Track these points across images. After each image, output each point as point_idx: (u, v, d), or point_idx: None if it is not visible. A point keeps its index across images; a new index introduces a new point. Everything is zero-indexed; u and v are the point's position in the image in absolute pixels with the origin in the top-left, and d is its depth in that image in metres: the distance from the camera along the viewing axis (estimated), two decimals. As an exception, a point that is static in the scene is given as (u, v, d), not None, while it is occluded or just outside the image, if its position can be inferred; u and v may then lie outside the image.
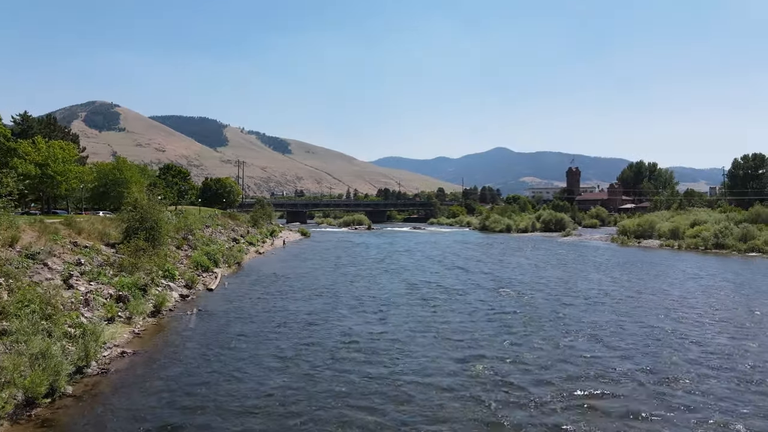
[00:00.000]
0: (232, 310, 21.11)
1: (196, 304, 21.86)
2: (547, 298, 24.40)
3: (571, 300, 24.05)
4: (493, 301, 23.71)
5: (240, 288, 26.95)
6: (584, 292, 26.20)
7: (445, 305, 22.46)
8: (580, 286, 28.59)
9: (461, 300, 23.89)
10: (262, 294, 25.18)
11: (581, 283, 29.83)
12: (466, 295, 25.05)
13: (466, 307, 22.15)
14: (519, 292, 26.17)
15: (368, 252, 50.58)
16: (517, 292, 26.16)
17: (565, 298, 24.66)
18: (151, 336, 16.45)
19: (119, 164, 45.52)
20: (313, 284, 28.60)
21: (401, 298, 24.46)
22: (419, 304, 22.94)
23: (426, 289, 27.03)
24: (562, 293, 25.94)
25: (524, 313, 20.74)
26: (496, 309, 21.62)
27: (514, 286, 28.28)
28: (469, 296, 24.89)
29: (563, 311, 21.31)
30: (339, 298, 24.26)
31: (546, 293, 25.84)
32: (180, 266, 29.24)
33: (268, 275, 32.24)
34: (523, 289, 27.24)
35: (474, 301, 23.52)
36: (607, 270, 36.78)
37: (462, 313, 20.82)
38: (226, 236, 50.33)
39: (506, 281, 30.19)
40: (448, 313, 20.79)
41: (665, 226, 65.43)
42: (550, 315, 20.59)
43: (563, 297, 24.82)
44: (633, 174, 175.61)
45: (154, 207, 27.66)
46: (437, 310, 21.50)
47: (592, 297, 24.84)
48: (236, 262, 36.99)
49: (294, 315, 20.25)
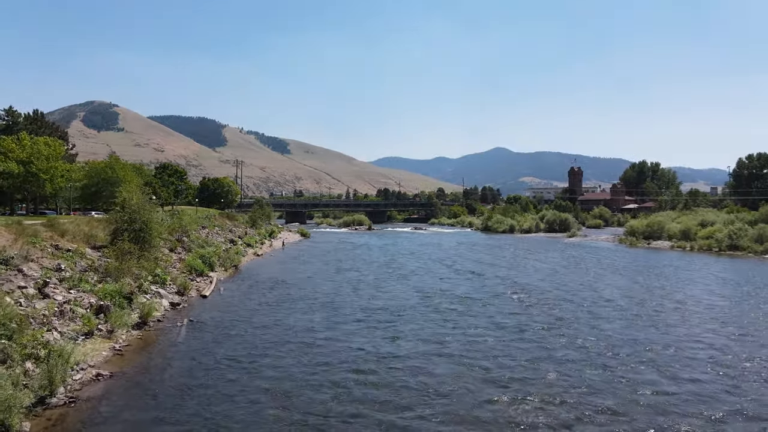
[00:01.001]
0: (225, 322, 19.03)
1: (188, 314, 19.97)
2: (578, 310, 22.04)
3: (607, 312, 21.75)
4: (519, 313, 21.29)
5: (236, 295, 24.98)
6: (617, 302, 23.98)
7: (465, 319, 19.99)
8: (608, 293, 26.45)
9: (482, 312, 21.42)
10: (259, 303, 23.12)
11: (608, 290, 27.64)
12: (486, 306, 22.61)
13: (489, 322, 19.62)
14: (544, 301, 23.84)
15: (371, 254, 48.53)
16: (542, 301, 23.90)
17: (599, 309, 22.37)
18: (134, 353, 14.55)
19: (112, 163, 43.61)
20: (314, 292, 26.28)
21: (413, 310, 21.99)
22: (435, 317, 20.45)
23: (439, 299, 24.64)
24: (593, 303, 23.66)
25: (560, 331, 18.15)
26: (525, 325, 19.11)
27: (537, 294, 26.01)
28: (490, 307, 22.49)
29: (604, 327, 18.91)
30: (342, 310, 21.80)
31: (575, 304, 23.52)
32: (173, 270, 27.39)
33: (266, 280, 30.35)
34: (548, 298, 24.86)
35: (497, 314, 21.10)
36: (629, 274, 34.82)
37: (487, 330, 18.25)
38: (223, 237, 48.47)
39: (526, 288, 27.82)
40: (470, 331, 18.22)
41: (675, 227, 63.69)
42: (591, 332, 18.03)
43: (596, 308, 22.58)
44: (635, 174, 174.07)
45: (143, 207, 25.76)
46: (457, 326, 18.92)
47: (628, 308, 22.57)
48: (233, 265, 35.12)
49: (293, 331, 17.80)
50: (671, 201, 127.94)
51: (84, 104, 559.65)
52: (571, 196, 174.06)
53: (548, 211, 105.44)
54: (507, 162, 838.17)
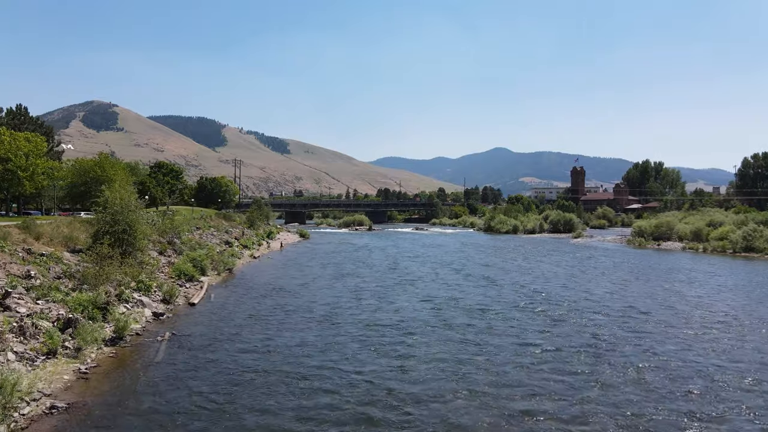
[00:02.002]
0: (211, 337, 16.87)
1: (172, 326, 17.99)
2: (614, 326, 19.17)
3: (649, 328, 18.81)
4: (548, 331, 18.36)
5: (227, 303, 22.82)
6: (656, 315, 21.14)
7: (486, 339, 17.14)
8: (641, 304, 23.73)
9: (504, 330, 18.50)
10: (252, 314, 20.76)
11: (639, 299, 24.87)
12: (508, 322, 19.86)
13: (515, 343, 16.71)
14: (573, 315, 21.04)
15: (372, 257, 46.07)
16: (570, 315, 21.08)
17: (638, 324, 19.49)
18: (101, 377, 12.54)
19: (101, 161, 41.63)
20: (311, 302, 23.64)
21: (423, 326, 19.01)
22: (449, 336, 17.51)
23: (452, 311, 21.83)
24: (629, 317, 20.84)
25: (602, 355, 15.26)
26: (559, 347, 16.12)
27: (561, 305, 23.27)
28: (513, 322, 19.70)
29: (655, 349, 15.89)
30: (342, 326, 18.88)
31: (609, 317, 20.69)
32: (160, 275, 25.46)
33: (260, 285, 28.32)
34: (576, 310, 22.09)
35: (522, 332, 18.19)
36: (654, 279, 32.26)
37: (515, 355, 15.30)
38: (218, 239, 46.55)
39: (548, 298, 25.13)
40: (494, 356, 15.21)
41: (686, 228, 61.74)
42: (641, 357, 15.04)
43: (634, 323, 19.68)
44: (639, 174, 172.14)
45: (127, 207, 23.82)
46: (478, 348, 15.97)
47: (672, 323, 19.66)
48: (227, 268, 33.16)
49: (284, 356, 14.98)
50: (676, 201, 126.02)
51: (83, 104, 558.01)
52: (573, 195, 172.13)
53: (552, 212, 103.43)
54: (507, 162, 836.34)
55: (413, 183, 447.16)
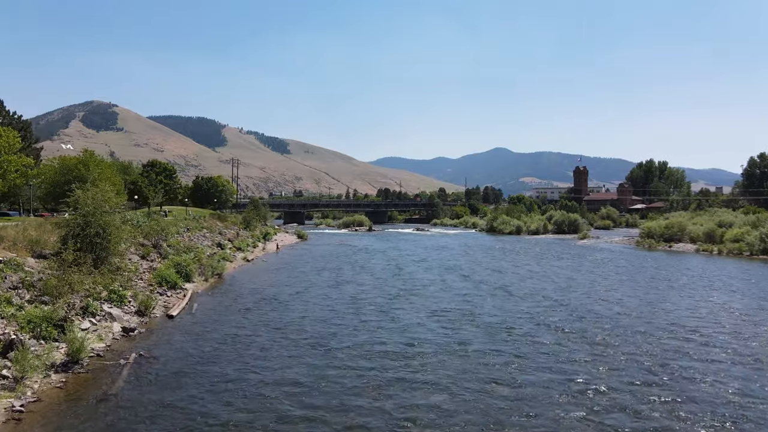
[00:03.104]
0: (183, 362, 14.34)
1: (141, 344, 15.73)
2: (667, 351, 15.98)
3: (714, 353, 15.81)
4: (590, 360, 14.97)
5: (209, 316, 20.36)
6: (714, 336, 17.99)
7: (515, 372, 13.82)
8: (689, 321, 20.46)
9: (536, 358, 15.12)
10: (233, 333, 17.81)
11: (685, 315, 21.54)
12: (538, 346, 16.44)
13: (555, 379, 13.27)
14: (614, 337, 17.79)
15: (373, 261, 43.26)
16: (611, 336, 17.85)
17: (697, 348, 16.37)
18: (39, 417, 10.20)
19: (85, 159, 39.41)
20: (304, 317, 20.67)
21: (436, 352, 15.63)
22: (470, 369, 14.08)
23: (468, 330, 18.63)
24: (683, 338, 17.67)
25: (669, 395, 12.27)
26: (608, 382, 13.05)
27: (594, 322, 20.09)
28: (543, 346, 16.34)
29: (735, 386, 12.92)
30: (337, 351, 15.72)
31: (655, 338, 17.47)
32: (139, 283, 23.21)
33: (249, 294, 25.92)
34: (614, 328, 18.99)
35: (558, 362, 14.64)
36: (688, 288, 28.87)
37: (559, 397, 12.11)
38: (210, 241, 44.29)
39: (577, 311, 21.99)
40: (530, 398, 12.02)
41: (698, 229, 59.44)
42: (722, 401, 11.99)
43: (692, 348, 16.45)
44: (643, 173, 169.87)
45: (101, 207, 21.56)
46: (509, 387, 12.76)
47: (736, 347, 16.57)
48: (215, 273, 30.90)
49: (267, 393, 12.13)
50: (682, 201, 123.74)
51: (83, 104, 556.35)
52: (576, 196, 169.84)
53: (556, 212, 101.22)
54: (507, 162, 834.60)
55: (413, 183, 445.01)
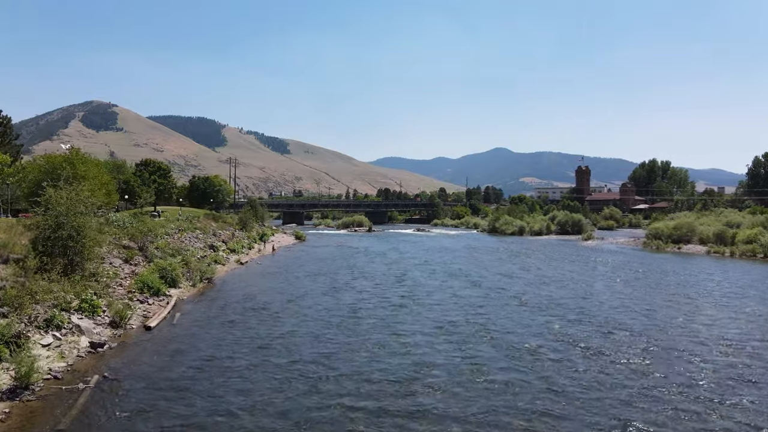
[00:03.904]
0: (152, 387, 12.31)
1: (108, 363, 13.94)
2: (719, 375, 13.80)
3: None
4: (634, 388, 12.60)
5: (191, 328, 18.40)
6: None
7: (547, 407, 11.49)
8: (734, 334, 18.29)
9: (570, 387, 12.65)
10: (214, 352, 15.51)
11: (731, 330, 19.08)
12: (568, 371, 13.87)
13: (601, 421, 10.80)
14: (649, 352, 15.55)
15: (372, 265, 40.83)
16: (647, 352, 15.55)
17: (761, 369, 14.09)
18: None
19: (71, 157, 37.66)
20: (294, 332, 18.12)
21: (448, 383, 12.95)
22: (492, 399, 11.92)
23: (484, 351, 15.81)
24: (734, 356, 15.50)
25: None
26: (666, 422, 10.76)
27: (627, 336, 17.51)
28: (578, 374, 13.62)
29: None
30: (330, 383, 12.96)
31: (702, 356, 15.28)
32: (118, 290, 21.44)
33: (239, 302, 23.94)
34: (648, 344, 16.53)
35: (598, 393, 12.34)
36: (720, 295, 26.24)
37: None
38: (202, 243, 42.49)
39: (604, 326, 19.29)
40: None
41: (708, 230, 57.62)
42: None
43: (748, 368, 14.31)
44: (645, 173, 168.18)
45: (75, 208, 19.78)
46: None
47: None
48: (205, 278, 29.11)
49: None
50: (687, 201, 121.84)
51: (83, 104, 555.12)
52: (578, 195, 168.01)
53: (559, 212, 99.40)
54: (507, 162, 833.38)
55: (413, 183, 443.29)
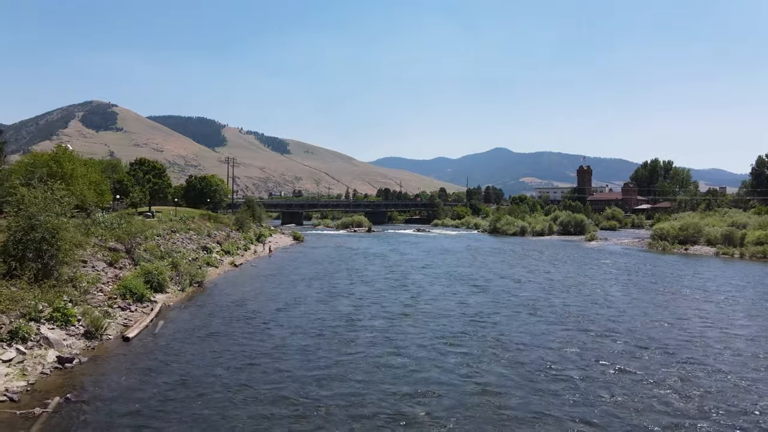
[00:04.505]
0: (118, 413, 10.77)
1: (75, 382, 12.52)
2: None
3: None
4: (682, 421, 10.90)
5: (172, 340, 16.73)
6: None
7: None
8: None
9: (605, 420, 10.90)
10: (191, 370, 13.83)
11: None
12: (599, 398, 12.08)
13: None
14: (690, 372, 13.89)
15: (371, 268, 38.83)
16: (689, 373, 13.84)
17: None
18: None
19: (58, 154, 36.28)
20: (284, 347, 16.19)
21: (460, 410, 11.36)
22: None
23: (497, 371, 13.97)
24: None
25: None
26: None
27: (662, 354, 15.55)
28: (612, 405, 11.70)
29: None
30: (323, 410, 11.31)
31: (754, 377, 13.57)
32: (98, 296, 20.03)
33: (228, 309, 22.31)
34: (687, 362, 14.82)
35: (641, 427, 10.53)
36: (748, 302, 24.61)
37: None
38: (195, 244, 41.09)
39: (633, 340, 17.19)
40: None
41: (716, 231, 56.24)
42: None
43: None
44: (647, 173, 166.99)
45: (50, 209, 18.39)
46: None
47: None
48: (195, 282, 27.71)
49: None
50: (690, 201, 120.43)
51: (83, 104, 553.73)
52: (580, 195, 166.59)
53: (562, 213, 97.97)
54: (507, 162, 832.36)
55: (413, 183, 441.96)
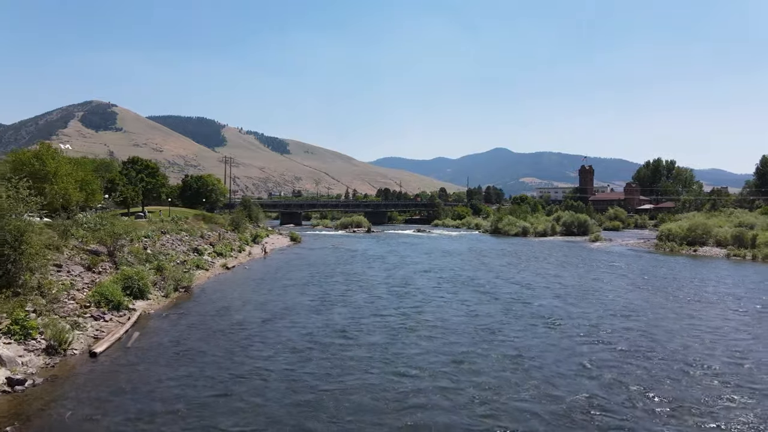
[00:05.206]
0: None
1: (21, 409, 10.84)
2: None
3: None
4: None
5: (141, 358, 14.96)
6: None
7: None
8: None
9: None
10: (160, 394, 12.06)
11: None
12: None
13: None
14: (750, 401, 12.25)
15: (370, 272, 36.54)
16: (752, 404, 12.12)
17: None
18: None
19: (41, 152, 34.56)
20: (268, 374, 13.92)
21: None
22: None
23: (521, 405, 12.00)
24: None
25: None
26: None
27: (725, 388, 13.30)
28: None
29: None
30: None
31: None
32: (69, 304, 18.33)
33: (211, 318, 20.58)
34: (743, 387, 13.12)
35: None
36: None
37: None
38: (186, 246, 39.42)
39: (680, 363, 15.13)
40: None
41: (726, 232, 54.54)
42: None
43: None
44: (650, 173, 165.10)
45: (13, 210, 16.71)
46: None
47: None
48: (181, 286, 26.01)
49: None
50: (695, 201, 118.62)
51: (82, 104, 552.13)
52: (582, 195, 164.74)
53: (564, 213, 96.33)
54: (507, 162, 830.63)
55: (413, 183, 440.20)
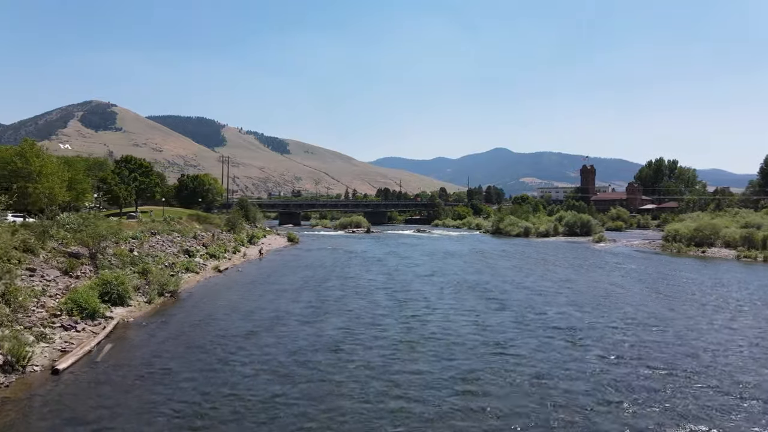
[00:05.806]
0: None
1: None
2: None
3: None
4: None
5: (111, 377, 13.29)
6: None
7: None
8: None
9: None
10: (120, 423, 10.58)
11: None
12: None
13: None
14: None
15: (368, 276, 34.66)
16: None
17: None
18: None
19: (24, 149, 33.09)
20: (247, 395, 12.31)
21: None
22: None
23: None
24: None
25: None
26: None
27: None
28: None
29: None
30: None
31: None
32: (38, 312, 16.87)
33: (194, 328, 19.04)
34: None
35: None
36: None
37: None
38: (178, 247, 38.00)
39: (730, 388, 13.28)
40: None
41: (735, 233, 53.11)
42: None
43: None
44: (652, 173, 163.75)
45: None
46: None
47: None
48: (167, 291, 24.54)
49: None
50: (699, 201, 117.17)
51: (82, 104, 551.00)
52: (583, 195, 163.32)
53: (567, 213, 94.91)
54: (507, 162, 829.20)
55: (413, 183, 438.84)
